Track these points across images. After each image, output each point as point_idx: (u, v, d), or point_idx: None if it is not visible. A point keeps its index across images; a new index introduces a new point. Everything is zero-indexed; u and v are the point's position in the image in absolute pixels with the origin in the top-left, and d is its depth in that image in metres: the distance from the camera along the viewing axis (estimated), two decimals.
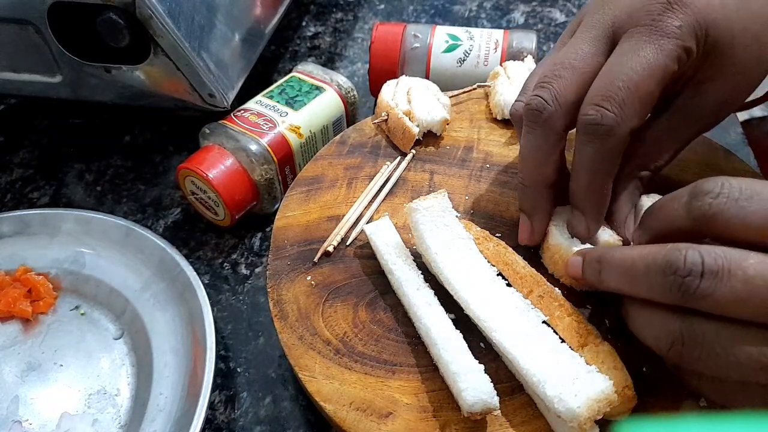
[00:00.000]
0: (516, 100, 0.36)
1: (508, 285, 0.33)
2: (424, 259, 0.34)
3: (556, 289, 0.32)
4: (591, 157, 0.30)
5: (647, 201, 0.34)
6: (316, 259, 0.36)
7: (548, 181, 0.33)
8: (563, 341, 0.30)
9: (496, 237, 0.36)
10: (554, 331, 0.30)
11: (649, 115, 0.33)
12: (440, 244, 0.33)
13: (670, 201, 0.27)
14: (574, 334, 0.30)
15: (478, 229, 0.36)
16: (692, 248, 0.24)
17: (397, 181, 0.41)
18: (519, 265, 0.33)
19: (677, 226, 0.27)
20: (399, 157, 0.42)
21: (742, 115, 0.80)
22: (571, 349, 0.29)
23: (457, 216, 0.35)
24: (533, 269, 0.33)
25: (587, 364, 0.28)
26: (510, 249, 0.35)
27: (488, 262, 0.34)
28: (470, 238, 0.34)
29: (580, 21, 0.33)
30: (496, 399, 0.28)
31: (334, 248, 0.37)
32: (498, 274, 0.33)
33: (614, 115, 0.29)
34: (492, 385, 0.28)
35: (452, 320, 0.32)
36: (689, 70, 0.31)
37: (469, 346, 0.30)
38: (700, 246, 0.24)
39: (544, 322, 0.31)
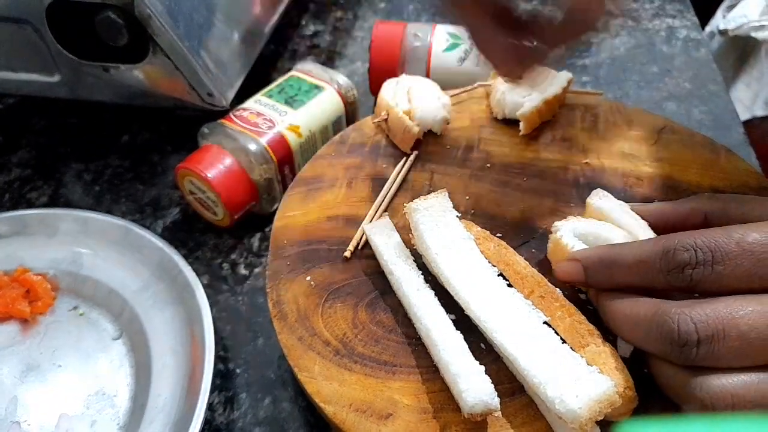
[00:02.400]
0: None
1: (509, 285, 0.32)
2: (425, 259, 0.34)
3: (558, 289, 0.32)
4: None
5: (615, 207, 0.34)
6: (348, 254, 0.36)
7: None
8: (564, 342, 0.30)
9: (497, 237, 0.35)
10: (555, 332, 0.30)
11: None
12: (441, 244, 0.33)
13: (641, 264, 0.27)
14: (576, 335, 0.30)
15: (479, 229, 0.36)
16: (683, 314, 0.25)
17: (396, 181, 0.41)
18: (520, 266, 0.33)
19: (654, 287, 0.28)
20: (405, 157, 0.42)
21: (744, 115, 0.80)
22: (573, 350, 0.29)
23: (457, 216, 0.34)
24: (534, 269, 0.33)
25: (588, 365, 0.28)
26: (511, 249, 0.34)
27: (489, 262, 0.33)
28: (471, 238, 0.34)
29: None
30: (497, 400, 0.28)
31: (351, 253, 0.37)
32: (499, 275, 0.33)
33: None
34: (492, 386, 0.28)
35: (453, 321, 0.31)
36: None
37: (469, 347, 0.30)
38: (690, 309, 0.25)
39: (545, 322, 0.30)
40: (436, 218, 0.34)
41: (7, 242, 0.45)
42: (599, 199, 0.35)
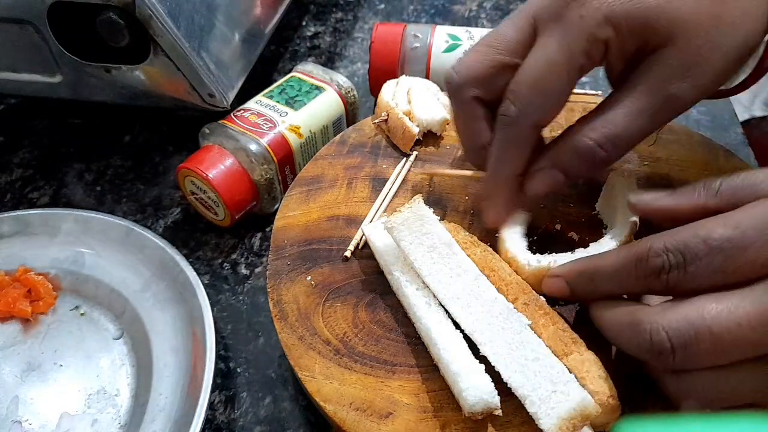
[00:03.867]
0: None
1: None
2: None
3: (542, 297, 0.32)
4: (499, 144, 0.33)
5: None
6: (348, 254, 0.36)
7: (475, 146, 0.35)
8: (547, 347, 0.30)
9: (496, 237, 0.35)
10: (538, 337, 0.30)
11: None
12: (423, 256, 0.33)
13: (619, 273, 0.28)
14: (559, 343, 0.30)
15: (466, 233, 0.35)
16: (655, 324, 0.25)
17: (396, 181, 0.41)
18: (505, 272, 0.33)
19: (637, 292, 0.28)
20: (405, 157, 0.42)
21: (743, 115, 0.80)
22: (555, 356, 0.29)
23: (439, 219, 0.34)
24: (519, 277, 0.33)
25: (570, 372, 0.28)
26: (497, 255, 0.34)
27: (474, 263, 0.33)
28: (452, 241, 0.33)
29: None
30: (497, 399, 0.28)
31: (351, 252, 0.37)
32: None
33: (516, 109, 0.31)
34: (493, 384, 0.28)
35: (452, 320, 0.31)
36: (629, 50, 0.30)
37: (469, 346, 0.30)
38: (662, 316, 0.25)
39: (529, 325, 0.30)
40: (415, 230, 0.33)
41: (9, 242, 0.45)
42: None
